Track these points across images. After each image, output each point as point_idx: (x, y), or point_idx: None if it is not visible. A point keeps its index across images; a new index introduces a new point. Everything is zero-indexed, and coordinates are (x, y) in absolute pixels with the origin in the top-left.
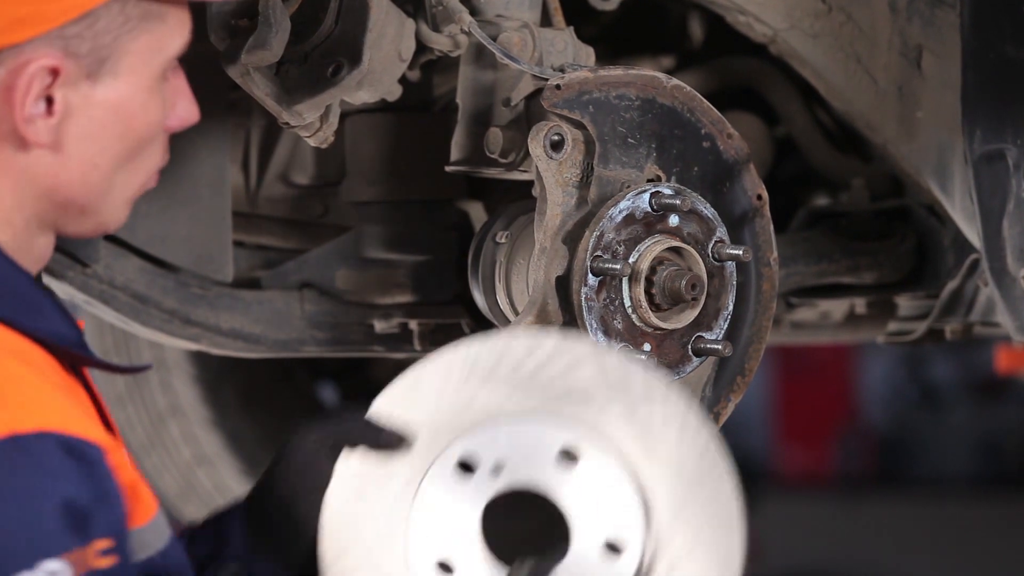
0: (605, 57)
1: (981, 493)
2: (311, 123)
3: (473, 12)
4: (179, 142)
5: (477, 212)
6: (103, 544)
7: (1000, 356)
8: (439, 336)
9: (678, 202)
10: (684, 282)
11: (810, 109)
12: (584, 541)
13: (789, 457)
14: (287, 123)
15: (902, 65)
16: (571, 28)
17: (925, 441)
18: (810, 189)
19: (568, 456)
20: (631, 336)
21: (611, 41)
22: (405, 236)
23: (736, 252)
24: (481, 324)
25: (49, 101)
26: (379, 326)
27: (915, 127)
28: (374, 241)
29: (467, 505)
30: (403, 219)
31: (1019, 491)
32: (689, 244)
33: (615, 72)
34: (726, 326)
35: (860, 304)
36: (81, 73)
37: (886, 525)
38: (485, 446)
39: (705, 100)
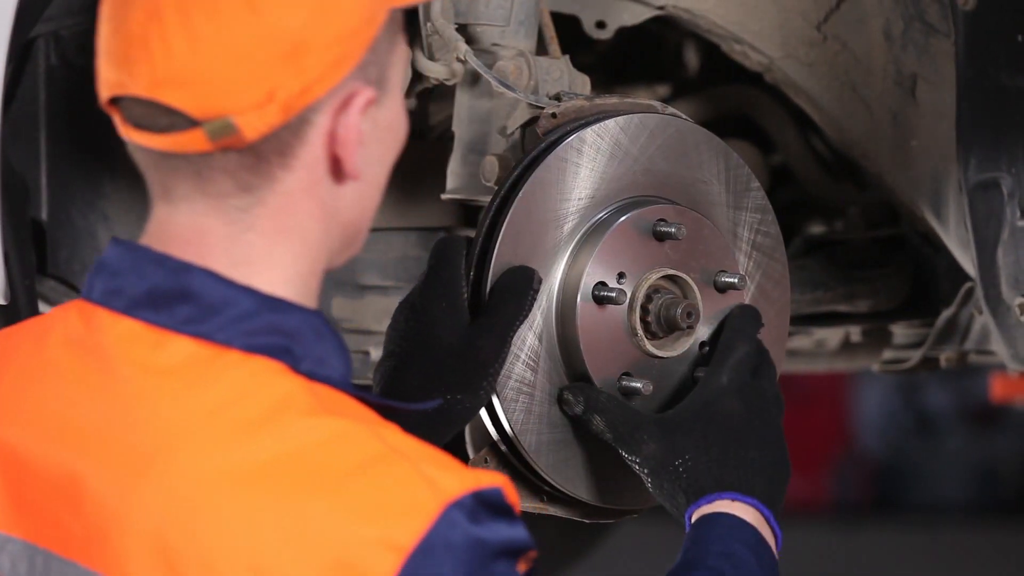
0: (601, 85)
1: (977, 520)
2: None
3: (469, 41)
4: None
5: None
6: (532, 555)
7: (995, 384)
8: None
9: (673, 230)
10: (680, 310)
11: (805, 137)
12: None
13: None
14: None
15: (897, 93)
16: (567, 57)
17: (921, 469)
18: (805, 217)
19: (663, 225)
20: None
21: (607, 69)
22: (401, 264)
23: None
24: None
25: None
26: (375, 353)
27: (910, 155)
28: (370, 269)
29: (617, 320)
30: (399, 247)
31: (1014, 518)
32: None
33: (611, 100)
34: None
35: (855, 332)
36: (375, 99)
37: (882, 552)
38: (605, 264)
39: (703, 128)
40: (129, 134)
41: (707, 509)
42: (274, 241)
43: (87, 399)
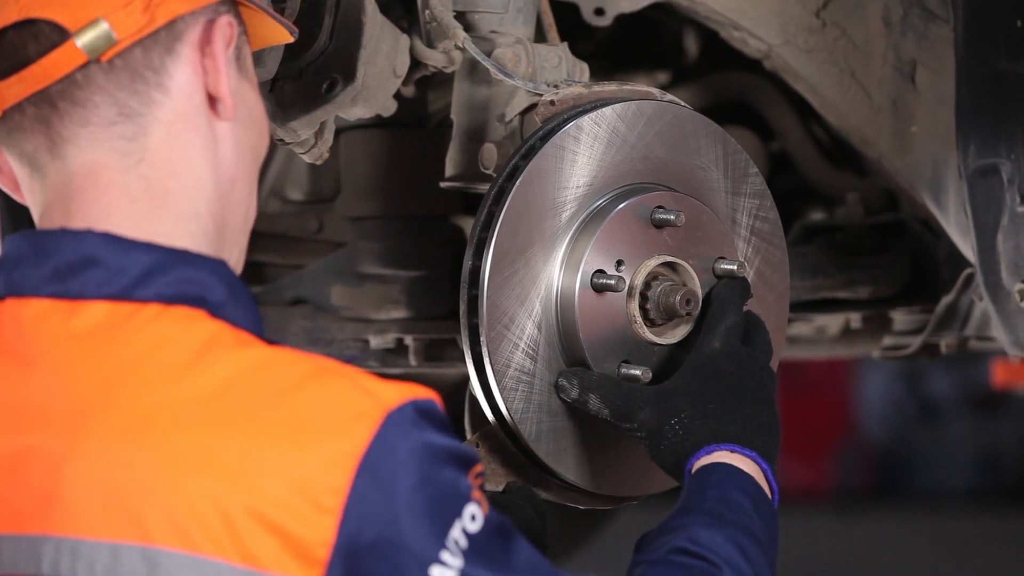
0: (600, 72)
1: (979, 507)
2: (306, 139)
3: (468, 28)
4: None
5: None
6: (478, 470)
7: (997, 370)
8: (434, 351)
9: (672, 217)
10: (679, 297)
11: (805, 124)
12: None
13: (787, 472)
14: (282, 140)
15: (896, 80)
16: (565, 44)
17: (923, 455)
18: (805, 204)
19: (662, 212)
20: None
21: (606, 57)
22: (400, 252)
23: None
24: None
25: None
26: (374, 341)
27: (909, 141)
28: (369, 257)
29: (616, 308)
30: (398, 235)
31: (1016, 504)
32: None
33: (609, 87)
34: None
35: (855, 319)
36: (233, 53)
37: (884, 539)
38: (604, 252)
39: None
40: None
41: (705, 460)
42: (166, 175)
43: (10, 384)
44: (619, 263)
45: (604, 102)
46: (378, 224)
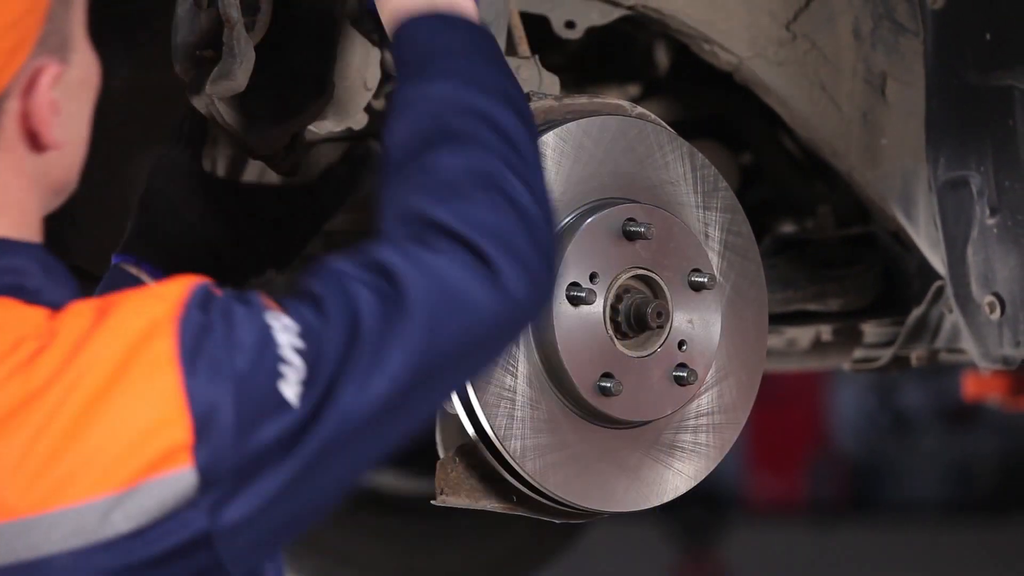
0: (571, 85)
1: (951, 518)
2: (276, 153)
3: None
4: (144, 170)
5: None
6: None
7: (967, 382)
8: None
9: (643, 229)
10: (649, 310)
11: (775, 136)
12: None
13: (760, 484)
14: (252, 153)
15: (866, 92)
16: (536, 56)
17: (895, 467)
18: (776, 216)
19: (633, 224)
20: None
21: (577, 69)
22: None
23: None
24: None
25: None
26: None
27: (879, 154)
28: None
29: (593, 321)
30: None
31: (989, 516)
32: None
33: (580, 100)
34: None
35: (826, 331)
36: (61, 65)
37: (857, 551)
38: (576, 265)
39: (670, 128)
40: None
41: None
42: None
43: None
44: (592, 276)
45: (575, 115)
46: (349, 238)
